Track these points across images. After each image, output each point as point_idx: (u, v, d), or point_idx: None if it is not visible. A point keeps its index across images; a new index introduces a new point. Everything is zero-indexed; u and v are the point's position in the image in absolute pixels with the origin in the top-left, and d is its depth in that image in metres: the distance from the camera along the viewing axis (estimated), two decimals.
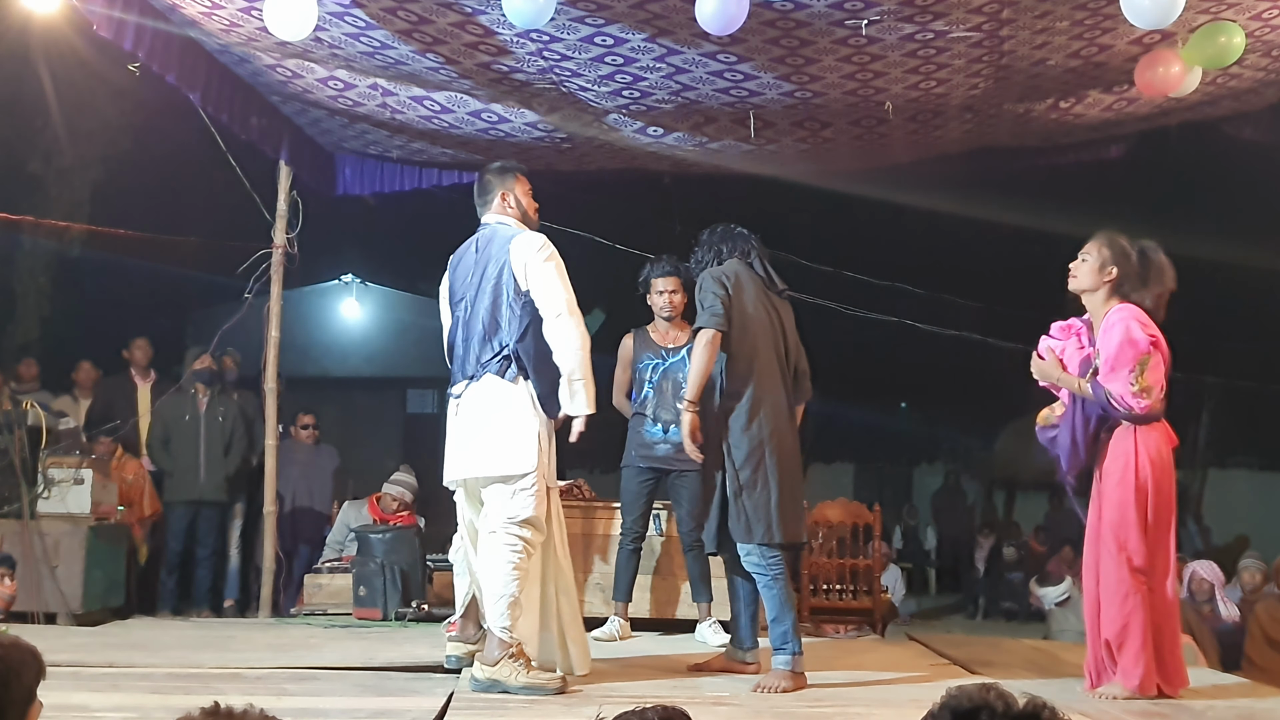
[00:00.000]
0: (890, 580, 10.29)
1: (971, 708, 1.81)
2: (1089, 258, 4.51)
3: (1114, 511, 4.34)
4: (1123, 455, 4.34)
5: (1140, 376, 4.28)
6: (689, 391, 4.63)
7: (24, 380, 8.54)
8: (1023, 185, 8.42)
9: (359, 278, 14.06)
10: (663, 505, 6.10)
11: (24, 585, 6.11)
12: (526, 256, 4.46)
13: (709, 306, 4.64)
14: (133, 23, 5.36)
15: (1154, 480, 4.31)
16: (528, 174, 4.82)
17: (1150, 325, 4.37)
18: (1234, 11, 5.23)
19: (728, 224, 5.02)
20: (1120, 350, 4.30)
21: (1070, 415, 4.48)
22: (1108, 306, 4.45)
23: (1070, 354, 4.52)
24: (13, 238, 9.63)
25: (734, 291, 4.68)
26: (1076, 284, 4.54)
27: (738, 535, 4.55)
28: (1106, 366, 4.32)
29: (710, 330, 4.60)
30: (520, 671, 4.20)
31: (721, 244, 4.93)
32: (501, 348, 4.42)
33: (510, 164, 4.84)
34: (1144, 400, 4.29)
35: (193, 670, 4.67)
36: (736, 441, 4.59)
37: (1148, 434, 4.35)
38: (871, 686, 4.71)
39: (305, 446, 8.88)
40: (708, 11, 4.81)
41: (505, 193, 4.67)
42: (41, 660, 2.31)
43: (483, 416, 4.43)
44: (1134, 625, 4.28)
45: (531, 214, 4.72)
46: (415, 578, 6.55)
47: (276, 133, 6.95)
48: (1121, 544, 4.31)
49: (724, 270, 4.77)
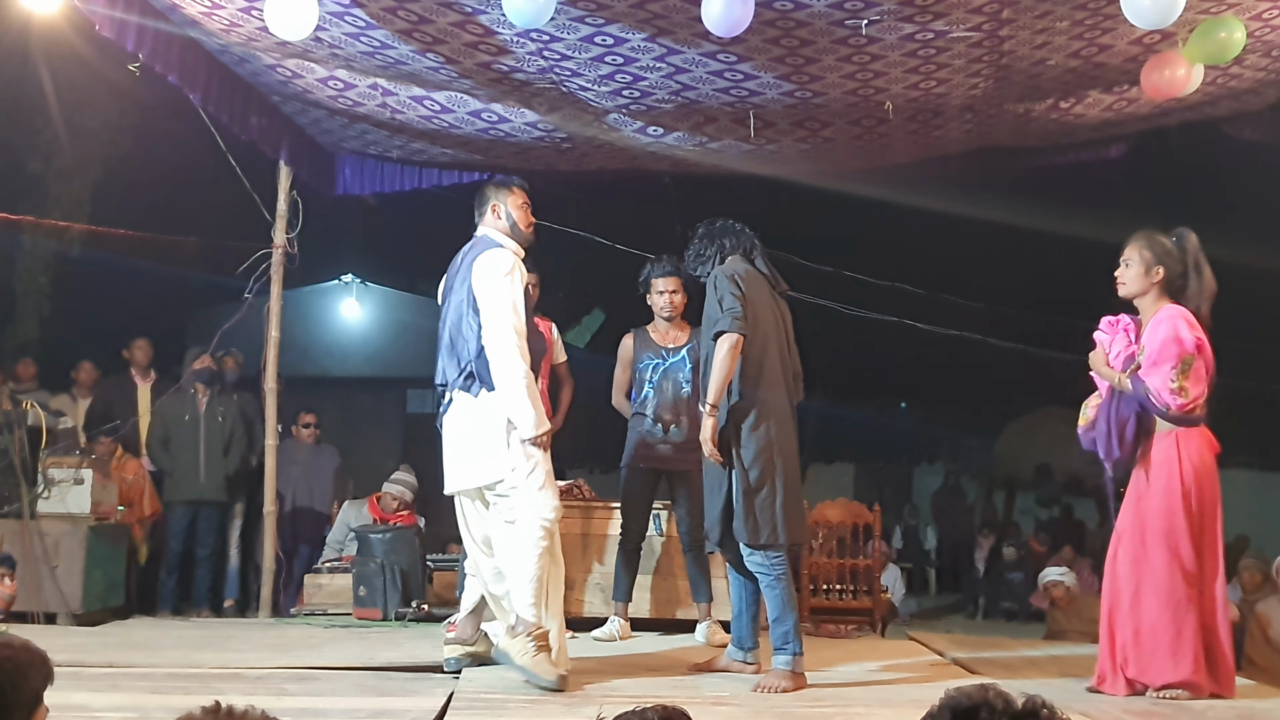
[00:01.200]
0: (890, 580, 10.30)
1: (970, 706, 1.81)
2: (1132, 262, 4.52)
3: (1162, 519, 4.36)
4: (1165, 462, 4.37)
5: (1181, 375, 4.31)
6: (711, 395, 4.57)
7: (22, 380, 8.54)
8: (1023, 185, 8.42)
9: (359, 278, 14.05)
10: (663, 505, 6.10)
11: (24, 585, 6.12)
12: (484, 273, 4.48)
13: (729, 309, 4.60)
14: (134, 23, 5.37)
15: (1197, 485, 4.35)
16: (526, 188, 4.79)
17: (1198, 328, 4.40)
18: (1234, 12, 5.23)
19: (726, 219, 4.99)
20: (1164, 346, 4.33)
21: (1106, 406, 4.51)
22: (1158, 307, 4.48)
23: (1116, 349, 4.53)
24: (13, 238, 9.61)
25: (746, 292, 4.67)
26: (1126, 290, 4.54)
27: (743, 537, 4.55)
28: (1149, 361, 4.36)
29: (734, 335, 4.58)
30: (529, 651, 4.25)
31: (723, 238, 4.90)
32: (465, 363, 4.48)
33: (511, 178, 4.85)
34: (1180, 399, 4.31)
35: (193, 670, 4.67)
36: (746, 442, 4.58)
37: (1189, 439, 4.37)
38: (871, 686, 4.71)
39: (305, 446, 8.89)
40: (713, 14, 4.82)
41: (496, 204, 4.68)
42: (50, 664, 2.31)
43: (458, 433, 4.53)
44: (1187, 630, 4.31)
45: (524, 227, 4.70)
46: (415, 578, 6.55)
47: (276, 133, 6.95)
48: (1173, 550, 4.34)
49: (735, 269, 4.74)
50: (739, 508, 4.55)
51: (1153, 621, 4.38)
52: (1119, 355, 4.51)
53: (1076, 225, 9.14)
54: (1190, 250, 4.51)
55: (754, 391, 4.62)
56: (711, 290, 4.71)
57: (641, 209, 9.17)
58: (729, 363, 4.55)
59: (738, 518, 4.55)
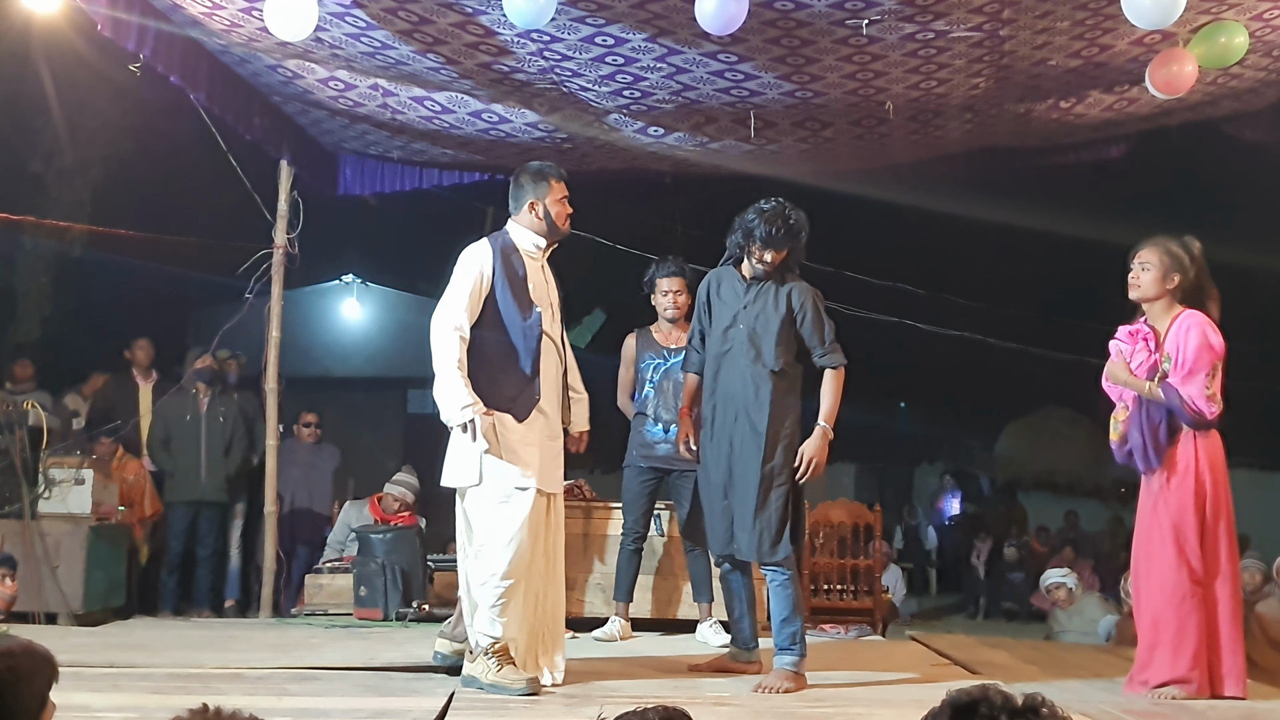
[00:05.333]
0: (891, 580, 10.30)
1: (970, 702, 1.83)
2: (1151, 266, 4.51)
3: (1174, 517, 4.38)
4: (1184, 462, 4.39)
5: (1213, 382, 4.34)
6: (831, 420, 4.62)
7: (20, 380, 8.54)
8: (1023, 185, 8.43)
9: (360, 278, 14.05)
10: (664, 505, 6.10)
11: (25, 585, 6.11)
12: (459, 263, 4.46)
13: (835, 340, 4.66)
14: (135, 23, 5.37)
15: (1212, 486, 4.37)
16: (565, 178, 4.63)
17: (1220, 334, 4.42)
18: (1235, 12, 5.23)
19: (783, 205, 4.68)
20: (1199, 354, 4.34)
21: (1137, 417, 4.49)
22: (1173, 312, 4.48)
23: (1139, 359, 4.53)
24: (13, 238, 9.61)
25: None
26: (1140, 293, 4.53)
27: (778, 542, 4.52)
28: (1183, 369, 4.36)
29: (842, 368, 4.67)
30: (491, 669, 4.22)
31: (798, 238, 4.67)
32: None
33: (547, 167, 4.65)
34: (1214, 406, 4.35)
35: (194, 670, 4.67)
36: (793, 456, 4.60)
37: (1206, 441, 4.40)
38: (872, 686, 4.71)
39: (306, 446, 8.89)
40: (707, 11, 4.82)
41: (535, 202, 4.56)
42: (55, 664, 2.31)
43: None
44: (1189, 628, 4.32)
45: (560, 222, 4.59)
46: (416, 578, 6.55)
47: (277, 133, 6.96)
48: (1180, 548, 4.36)
49: (816, 291, 4.72)
50: (778, 514, 4.52)
51: (1156, 618, 4.40)
52: (1141, 365, 4.50)
53: (1076, 225, 9.16)
54: (1198, 257, 4.53)
55: (799, 403, 4.66)
56: (805, 306, 4.64)
57: (642, 209, 9.18)
58: (840, 394, 4.64)
59: (785, 525, 4.52)
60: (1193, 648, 4.32)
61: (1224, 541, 4.39)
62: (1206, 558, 4.37)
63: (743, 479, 4.55)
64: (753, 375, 4.59)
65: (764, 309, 4.65)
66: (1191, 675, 4.31)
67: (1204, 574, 4.37)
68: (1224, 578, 4.38)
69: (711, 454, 4.68)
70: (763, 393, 4.57)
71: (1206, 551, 4.37)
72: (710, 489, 4.68)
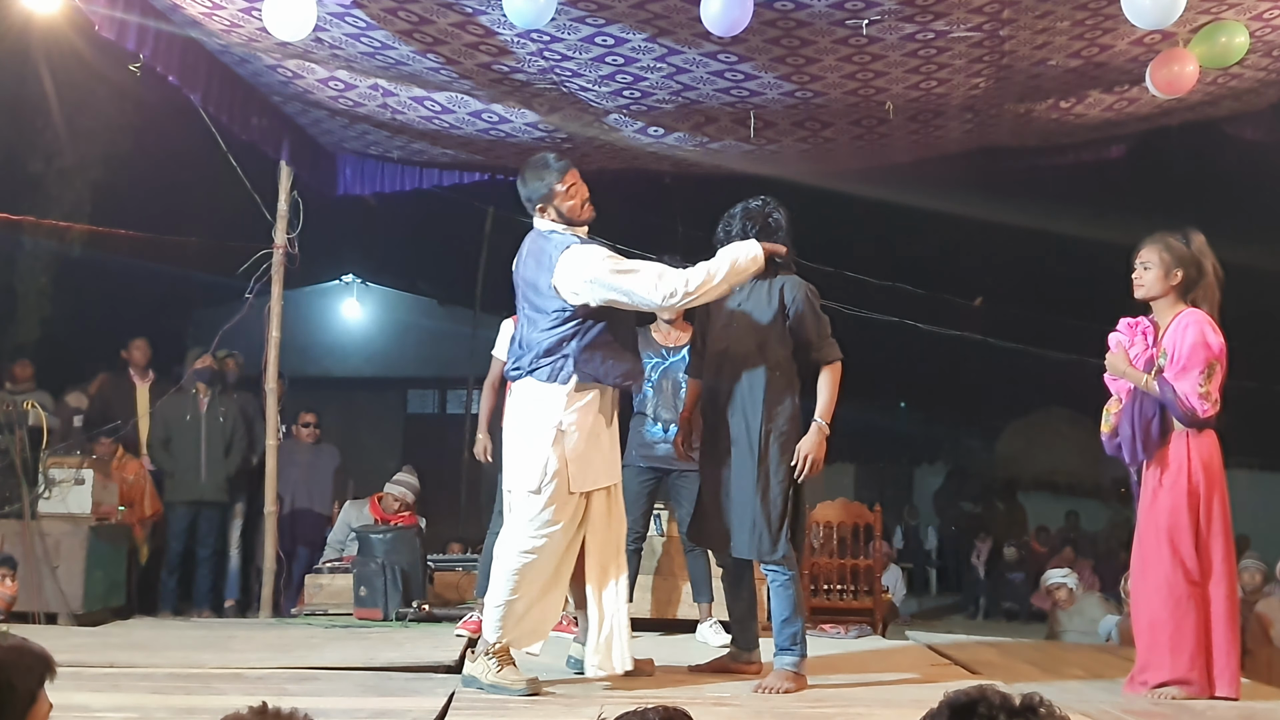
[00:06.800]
0: (891, 580, 10.31)
1: (968, 702, 1.84)
2: (1152, 265, 4.52)
3: (1168, 517, 4.39)
4: (1176, 462, 4.39)
5: (1208, 380, 4.33)
6: (827, 417, 4.58)
7: (20, 380, 8.54)
8: (1023, 185, 8.42)
9: (359, 278, 14.06)
10: (663, 505, 6.10)
11: (25, 585, 6.12)
12: (569, 271, 4.35)
13: (830, 335, 4.63)
14: (134, 23, 5.37)
15: (1206, 486, 4.37)
16: (569, 169, 4.54)
17: (1220, 333, 4.41)
18: (1235, 12, 5.23)
19: (765, 204, 4.70)
20: (1194, 351, 4.35)
21: (1129, 409, 4.50)
22: (1176, 310, 4.49)
23: (1136, 351, 4.54)
24: (13, 238, 9.61)
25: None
26: (1144, 292, 4.54)
27: (777, 541, 4.51)
28: (1177, 365, 4.36)
29: (839, 363, 4.64)
30: (491, 669, 4.25)
31: (775, 237, 4.64)
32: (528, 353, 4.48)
33: (549, 164, 4.53)
34: (1206, 405, 4.34)
35: (194, 670, 4.67)
36: (790, 454, 4.57)
37: (1199, 441, 4.40)
38: (872, 686, 4.71)
39: (306, 446, 8.89)
40: (712, 13, 4.82)
41: (544, 208, 4.51)
42: (49, 663, 2.31)
43: (511, 425, 4.57)
44: (1186, 627, 4.32)
45: (574, 216, 4.50)
46: (416, 578, 6.55)
47: (277, 133, 6.96)
48: (1175, 549, 4.36)
49: (810, 286, 4.69)
50: (778, 513, 4.51)
51: (1153, 619, 4.40)
52: (1138, 358, 4.51)
53: (1077, 225, 9.16)
54: (1198, 250, 4.53)
55: (797, 401, 4.64)
56: (801, 303, 4.59)
57: (642, 209, 9.17)
58: (837, 389, 4.62)
59: (773, 522, 4.50)
60: (1191, 648, 4.32)
61: (1219, 542, 4.38)
62: (1201, 558, 4.36)
63: (740, 476, 4.54)
64: (748, 372, 4.59)
65: (756, 305, 4.64)
66: (1191, 675, 4.32)
67: (1200, 574, 4.36)
68: (1219, 579, 4.37)
69: (711, 454, 4.68)
70: (757, 389, 4.55)
71: (1201, 552, 4.36)
72: (711, 490, 4.68)
